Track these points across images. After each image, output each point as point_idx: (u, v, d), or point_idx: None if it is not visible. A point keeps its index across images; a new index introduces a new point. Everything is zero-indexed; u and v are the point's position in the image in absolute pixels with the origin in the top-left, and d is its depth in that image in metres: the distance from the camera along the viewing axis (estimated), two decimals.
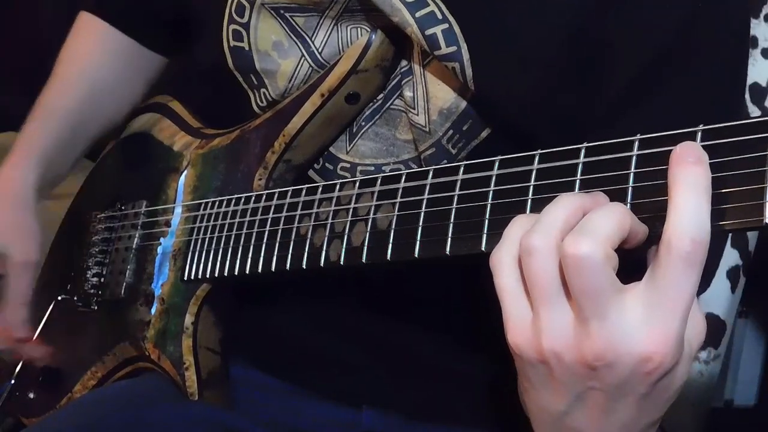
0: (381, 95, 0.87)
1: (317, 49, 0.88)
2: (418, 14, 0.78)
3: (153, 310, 0.97)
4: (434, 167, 0.71)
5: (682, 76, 0.74)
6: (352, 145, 0.89)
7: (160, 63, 1.19)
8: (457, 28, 0.78)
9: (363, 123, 0.88)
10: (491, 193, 0.65)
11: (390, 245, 0.72)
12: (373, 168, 0.89)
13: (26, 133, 1.10)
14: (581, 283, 0.54)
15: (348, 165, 0.90)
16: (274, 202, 0.85)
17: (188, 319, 0.93)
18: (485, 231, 0.65)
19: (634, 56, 0.75)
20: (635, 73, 0.75)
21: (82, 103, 1.12)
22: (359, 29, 0.86)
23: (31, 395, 1.11)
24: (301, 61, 0.89)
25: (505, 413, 0.86)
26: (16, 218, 1.05)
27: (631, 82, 0.75)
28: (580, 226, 0.55)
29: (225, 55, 0.92)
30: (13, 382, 1.11)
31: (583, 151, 0.61)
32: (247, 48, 0.90)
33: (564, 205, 0.57)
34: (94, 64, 1.14)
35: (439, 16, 0.78)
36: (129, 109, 1.16)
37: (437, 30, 0.78)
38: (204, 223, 0.93)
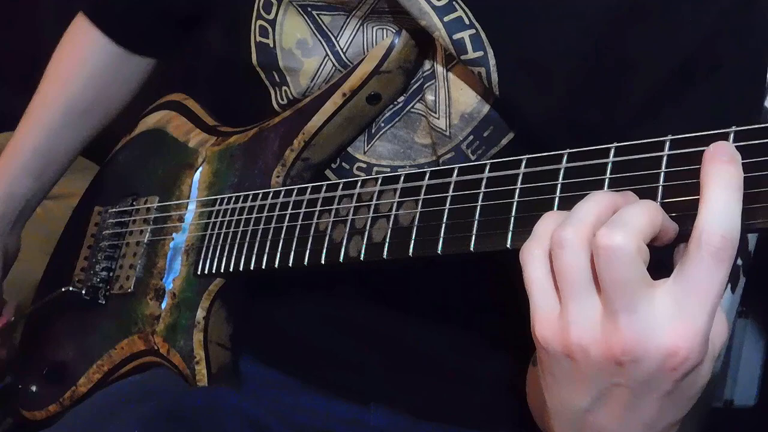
0: (402, 98, 0.88)
1: (342, 49, 0.88)
2: (446, 19, 0.79)
3: (164, 305, 0.98)
4: (459, 165, 0.72)
5: (704, 88, 0.75)
6: (369, 146, 0.90)
7: (152, 65, 1.20)
8: (483, 35, 0.78)
9: (382, 124, 0.89)
10: (518, 190, 0.66)
11: (412, 241, 0.72)
12: (389, 169, 0.89)
13: None
14: (612, 274, 0.55)
15: (364, 165, 0.90)
16: (293, 198, 0.85)
17: (200, 314, 0.93)
18: (511, 228, 0.65)
19: (656, 68, 0.75)
20: (658, 84, 0.76)
21: (54, 130, 1.16)
22: (385, 30, 0.87)
23: (34, 388, 1.11)
24: (325, 60, 0.89)
25: (513, 412, 0.87)
26: None
27: (653, 93, 0.76)
28: (613, 219, 0.56)
29: (251, 50, 0.92)
30: (17, 374, 1.11)
31: (612, 150, 0.62)
32: (271, 45, 0.91)
33: (596, 201, 0.58)
34: (76, 82, 1.17)
35: (467, 22, 0.79)
36: (114, 117, 1.19)
37: (465, 35, 0.79)
38: (219, 219, 0.93)
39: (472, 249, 0.68)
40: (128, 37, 1.16)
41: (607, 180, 0.61)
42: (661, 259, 0.58)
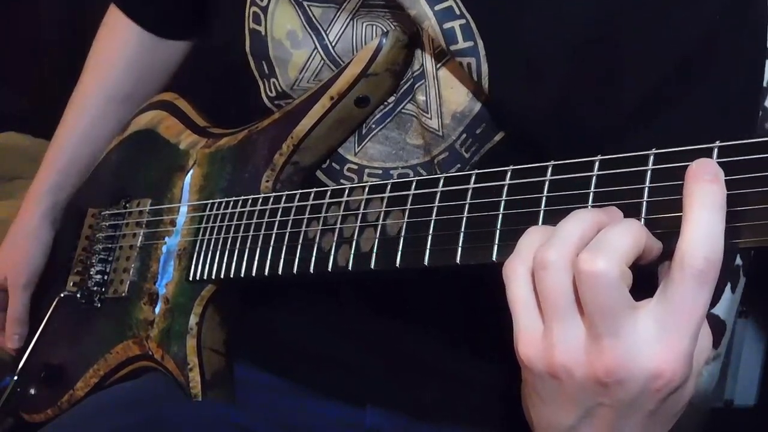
0: (392, 99, 0.87)
1: (331, 43, 0.87)
2: (436, 8, 0.78)
3: (157, 310, 0.97)
4: (445, 175, 0.71)
5: (700, 88, 0.74)
6: (360, 147, 0.89)
7: (185, 48, 1.21)
8: (473, 25, 0.77)
9: (373, 125, 0.88)
10: (503, 203, 0.65)
11: (399, 252, 0.72)
12: (380, 171, 0.88)
13: (44, 162, 1.20)
14: (595, 299, 0.54)
15: (355, 167, 0.90)
16: (282, 204, 0.85)
17: (193, 320, 0.93)
18: (496, 241, 0.65)
19: (651, 67, 0.74)
20: (653, 83, 0.75)
21: (97, 119, 1.19)
22: (374, 27, 0.86)
23: (33, 391, 1.11)
24: (314, 53, 0.88)
25: (508, 414, 0.86)
26: (16, 247, 1.17)
27: (648, 92, 0.75)
28: (596, 243, 0.55)
29: (244, 37, 0.91)
30: (16, 377, 1.11)
31: (597, 163, 0.61)
32: (263, 33, 0.90)
33: (580, 220, 0.57)
34: (114, 71, 1.19)
35: (457, 12, 0.78)
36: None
37: (455, 24, 0.78)
38: (211, 224, 0.93)
39: (458, 261, 0.67)
40: (155, 23, 1.18)
41: (591, 194, 0.61)
42: (647, 270, 0.58)
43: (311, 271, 0.80)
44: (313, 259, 0.79)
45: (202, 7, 1.07)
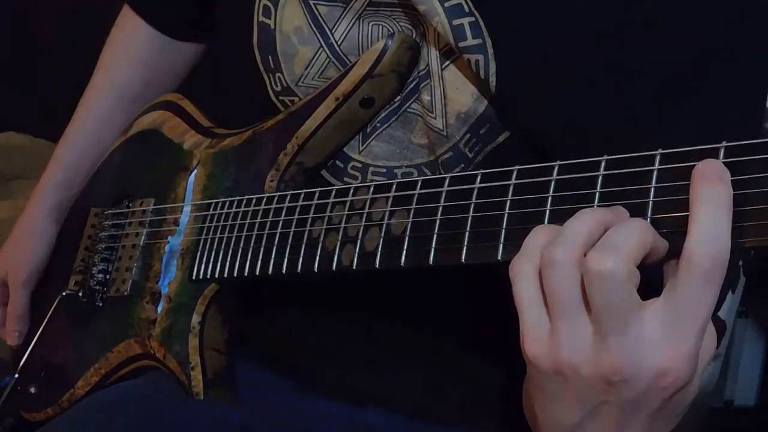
0: (398, 98, 0.87)
1: (336, 42, 0.88)
2: (446, 4, 0.78)
3: (159, 309, 0.97)
4: (450, 175, 0.71)
5: (706, 92, 0.74)
6: (365, 146, 0.89)
7: (196, 51, 1.23)
8: (482, 23, 0.78)
9: (378, 124, 0.88)
10: (508, 202, 0.66)
11: (404, 251, 0.72)
12: (384, 170, 0.89)
13: (51, 160, 1.21)
14: (603, 299, 0.55)
15: (359, 165, 0.90)
16: (286, 204, 0.85)
17: (195, 319, 0.93)
18: (502, 240, 0.65)
19: (659, 69, 0.75)
20: (660, 85, 0.75)
21: (106, 118, 1.20)
22: (380, 27, 0.86)
23: (33, 390, 1.12)
24: (319, 51, 0.89)
25: (508, 414, 0.87)
26: (19, 243, 1.18)
27: (656, 94, 0.75)
28: (603, 242, 0.56)
29: (252, 29, 0.91)
30: (17, 376, 1.11)
31: (603, 163, 0.61)
32: (272, 26, 0.90)
33: (586, 219, 0.57)
34: (124, 70, 1.21)
35: (466, 9, 0.78)
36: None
37: (464, 21, 0.78)
38: (214, 223, 0.93)
39: (463, 261, 0.68)
40: (168, 24, 1.19)
41: (597, 194, 0.61)
42: (653, 269, 0.58)
43: (315, 270, 0.80)
44: (317, 258, 0.80)
45: (213, 8, 1.08)
